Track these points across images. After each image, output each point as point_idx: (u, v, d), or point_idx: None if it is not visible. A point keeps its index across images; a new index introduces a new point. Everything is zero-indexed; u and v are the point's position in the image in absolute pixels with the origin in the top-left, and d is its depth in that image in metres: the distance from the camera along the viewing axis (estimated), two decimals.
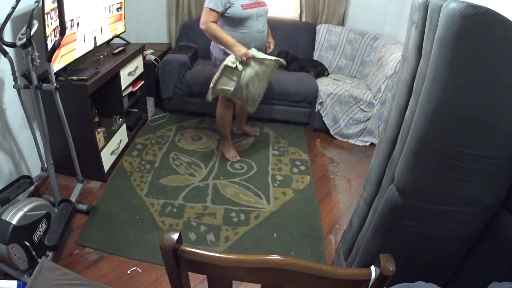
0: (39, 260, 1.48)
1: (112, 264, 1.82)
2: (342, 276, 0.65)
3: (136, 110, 3.09)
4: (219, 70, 2.21)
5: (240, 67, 2.20)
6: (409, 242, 1.14)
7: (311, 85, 3.11)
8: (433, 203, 1.03)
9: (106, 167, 2.41)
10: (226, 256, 0.66)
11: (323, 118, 3.09)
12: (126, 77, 2.66)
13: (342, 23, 3.58)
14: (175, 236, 0.66)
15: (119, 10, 2.77)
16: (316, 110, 3.09)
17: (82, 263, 1.81)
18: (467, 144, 0.91)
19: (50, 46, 1.77)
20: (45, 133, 1.84)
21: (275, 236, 2.05)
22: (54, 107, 1.82)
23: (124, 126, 2.69)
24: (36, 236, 1.65)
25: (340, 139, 3.13)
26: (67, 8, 1.79)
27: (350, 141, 3.10)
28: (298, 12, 3.66)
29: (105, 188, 2.36)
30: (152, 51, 3.34)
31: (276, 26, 3.49)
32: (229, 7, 2.15)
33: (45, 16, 1.73)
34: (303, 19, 3.64)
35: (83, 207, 2.12)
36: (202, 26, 2.18)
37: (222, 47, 2.27)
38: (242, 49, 2.17)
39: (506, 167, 0.94)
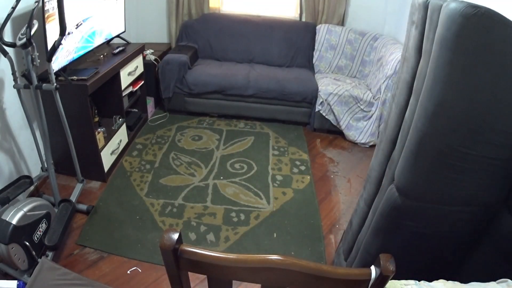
0: (39, 260, 1.48)
1: (112, 264, 1.82)
2: (342, 276, 0.65)
3: (136, 110, 3.09)
4: None
5: None
6: (409, 242, 1.14)
7: (311, 85, 3.11)
8: (433, 203, 1.03)
9: (106, 167, 2.41)
10: (226, 256, 0.66)
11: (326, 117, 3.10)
12: (126, 77, 2.66)
13: (342, 23, 3.58)
14: (175, 236, 0.66)
15: (119, 10, 2.76)
16: (317, 110, 3.09)
17: (82, 263, 1.81)
18: (467, 144, 0.91)
19: (50, 46, 1.77)
20: (45, 133, 1.83)
21: (275, 236, 2.05)
22: (54, 107, 1.82)
23: (124, 126, 2.69)
24: (36, 236, 1.65)
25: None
26: (67, 7, 1.79)
27: (351, 141, 3.10)
28: (298, 12, 3.66)
29: (105, 188, 2.36)
30: (152, 51, 3.34)
31: (276, 26, 3.50)
32: None
33: (45, 16, 1.73)
34: (303, 19, 3.64)
35: (83, 207, 2.12)
36: None
37: None
38: None
39: (506, 167, 0.94)
